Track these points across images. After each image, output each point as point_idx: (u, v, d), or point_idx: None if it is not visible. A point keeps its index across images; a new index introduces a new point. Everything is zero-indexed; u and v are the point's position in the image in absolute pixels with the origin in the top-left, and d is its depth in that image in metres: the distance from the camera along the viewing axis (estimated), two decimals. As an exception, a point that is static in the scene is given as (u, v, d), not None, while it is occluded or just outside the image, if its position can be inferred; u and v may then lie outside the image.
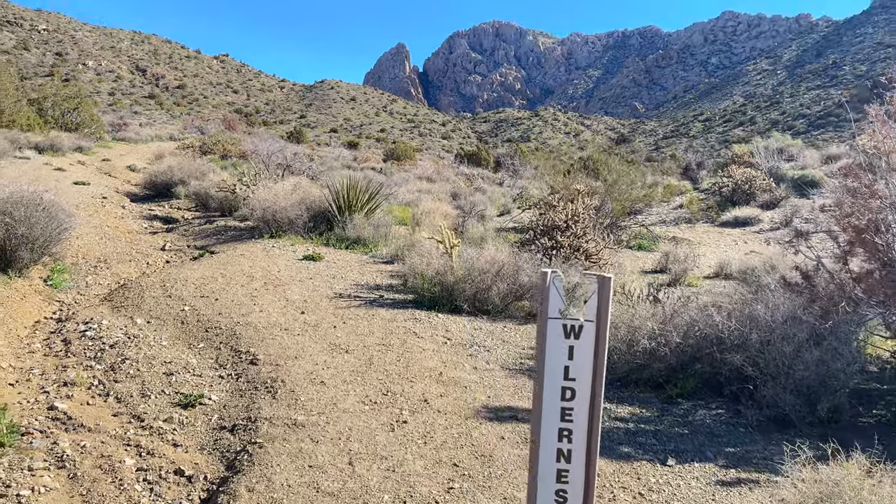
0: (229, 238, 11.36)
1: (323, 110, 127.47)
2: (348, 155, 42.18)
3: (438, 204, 16.46)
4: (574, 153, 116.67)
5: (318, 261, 9.35)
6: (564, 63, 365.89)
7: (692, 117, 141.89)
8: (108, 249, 9.94)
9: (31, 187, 7.65)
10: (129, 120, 56.21)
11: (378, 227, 11.51)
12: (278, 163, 22.83)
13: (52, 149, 24.26)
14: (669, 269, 11.55)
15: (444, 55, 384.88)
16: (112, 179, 20.04)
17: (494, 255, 7.17)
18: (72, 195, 14.49)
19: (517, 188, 25.80)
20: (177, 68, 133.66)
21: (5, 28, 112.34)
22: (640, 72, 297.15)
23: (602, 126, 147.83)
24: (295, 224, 11.38)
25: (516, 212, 19.68)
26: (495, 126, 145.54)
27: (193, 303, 6.75)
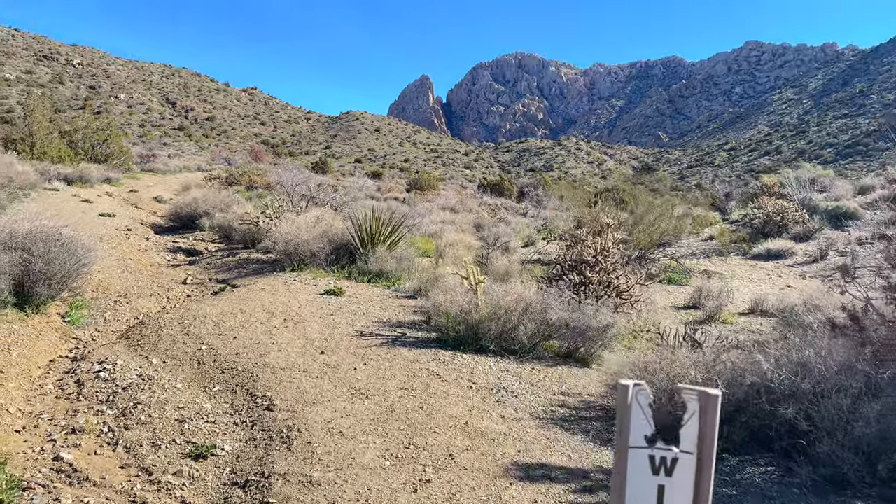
0: (251, 271, 11.24)
1: (348, 141, 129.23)
2: (372, 185, 42.39)
3: (462, 235, 16.25)
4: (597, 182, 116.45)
5: (340, 295, 9.14)
6: (587, 93, 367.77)
7: (717, 146, 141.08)
8: (128, 283, 9.85)
9: (51, 222, 7.58)
10: (158, 151, 57.39)
11: (401, 260, 11.30)
12: (302, 194, 22.90)
13: (81, 180, 24.67)
14: (703, 305, 11.11)
15: (467, 86, 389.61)
16: (138, 211, 20.23)
17: (521, 292, 6.88)
18: (96, 227, 14.58)
19: (541, 219, 25.53)
20: (206, 101, 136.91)
21: (42, 63, 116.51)
22: (664, 101, 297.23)
23: (625, 155, 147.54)
24: (317, 257, 11.23)
25: (541, 243, 19.37)
26: (518, 156, 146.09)
27: (211, 341, 6.55)
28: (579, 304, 7.39)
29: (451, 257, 12.52)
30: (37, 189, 20.51)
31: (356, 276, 10.85)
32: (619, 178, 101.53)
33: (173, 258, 12.89)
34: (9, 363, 5.45)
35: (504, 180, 48.67)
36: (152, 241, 14.39)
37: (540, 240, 19.67)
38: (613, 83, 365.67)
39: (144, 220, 17.71)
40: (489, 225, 20.94)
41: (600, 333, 6.67)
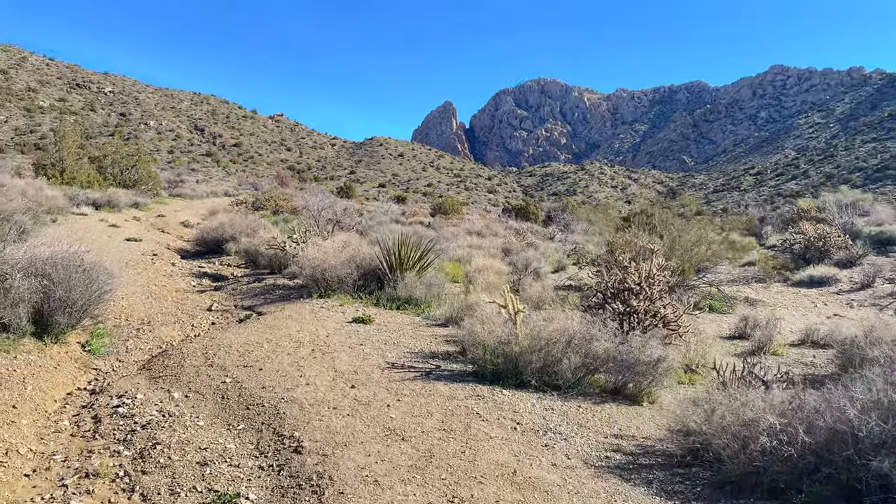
0: (277, 297, 10.92)
1: (372, 166, 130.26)
2: (396, 209, 42.33)
3: (491, 260, 15.83)
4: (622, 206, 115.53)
5: (369, 323, 8.75)
6: (610, 118, 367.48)
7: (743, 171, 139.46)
8: (152, 310, 9.59)
9: (73, 247, 7.34)
10: (186, 177, 58.17)
11: (430, 286, 10.91)
12: (328, 218, 22.77)
13: (109, 205, 24.84)
14: (750, 335, 10.50)
15: (489, 112, 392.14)
16: (165, 236, 20.18)
17: (564, 322, 6.42)
18: (122, 252, 14.46)
19: (570, 243, 25.02)
20: (233, 127, 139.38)
21: (74, 91, 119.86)
22: (688, 126, 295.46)
23: (650, 179, 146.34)
24: (344, 283, 10.89)
25: (571, 268, 18.86)
26: (541, 180, 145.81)
27: (236, 373, 6.18)
28: (626, 335, 6.90)
29: (481, 283, 12.10)
30: (65, 213, 20.62)
31: (385, 303, 10.47)
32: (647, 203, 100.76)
33: (199, 284, 12.66)
34: (23, 398, 5.13)
35: (529, 204, 48.25)
36: (178, 267, 14.20)
37: (570, 265, 19.16)
38: (637, 108, 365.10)
39: (171, 245, 17.61)
40: (517, 249, 20.49)
41: (651, 368, 6.16)
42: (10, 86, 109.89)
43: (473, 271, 13.40)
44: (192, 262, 15.22)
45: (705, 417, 4.52)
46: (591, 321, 6.80)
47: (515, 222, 36.74)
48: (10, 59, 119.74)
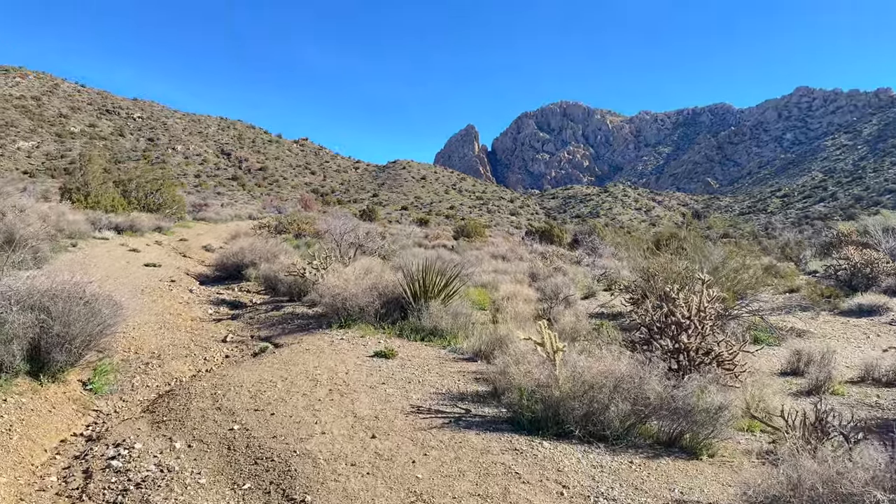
0: (296, 327, 10.36)
1: (395, 189, 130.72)
2: (419, 232, 41.90)
3: (518, 287, 15.16)
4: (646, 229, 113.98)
5: (391, 358, 8.12)
6: (633, 140, 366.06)
7: (769, 193, 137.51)
8: (164, 341, 9.08)
9: (76, 277, 6.86)
10: (211, 200, 58.59)
11: (457, 315, 10.27)
12: (351, 242, 22.32)
13: (132, 229, 24.72)
14: (804, 372, 9.65)
15: (511, 135, 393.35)
16: (185, 260, 19.88)
17: (610, 363, 5.73)
18: (140, 278, 14.09)
19: (598, 267, 24.19)
20: (259, 152, 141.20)
21: (104, 116, 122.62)
22: (712, 148, 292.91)
23: (674, 202, 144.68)
24: (366, 312, 10.30)
25: (603, 295, 18.07)
26: (564, 202, 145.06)
27: (245, 419, 5.59)
28: (679, 376, 6.18)
29: (510, 312, 11.42)
30: (86, 238, 20.45)
31: (408, 334, 9.86)
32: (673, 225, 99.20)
33: (216, 312, 12.18)
34: (6, 450, 4.58)
35: (553, 227, 47.51)
36: (196, 293, 13.77)
37: (601, 291, 18.37)
38: (660, 130, 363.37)
39: (190, 271, 17.25)
40: (544, 274, 19.78)
41: (711, 417, 5.43)
42: (42, 112, 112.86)
43: (501, 298, 12.74)
44: (210, 289, 14.79)
45: (790, 486, 3.79)
46: (639, 361, 6.09)
47: (540, 245, 36.01)
48: (43, 85, 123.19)
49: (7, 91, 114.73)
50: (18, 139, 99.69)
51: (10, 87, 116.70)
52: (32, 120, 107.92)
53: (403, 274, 11.06)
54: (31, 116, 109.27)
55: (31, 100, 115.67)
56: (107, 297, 7.11)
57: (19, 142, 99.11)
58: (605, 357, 6.27)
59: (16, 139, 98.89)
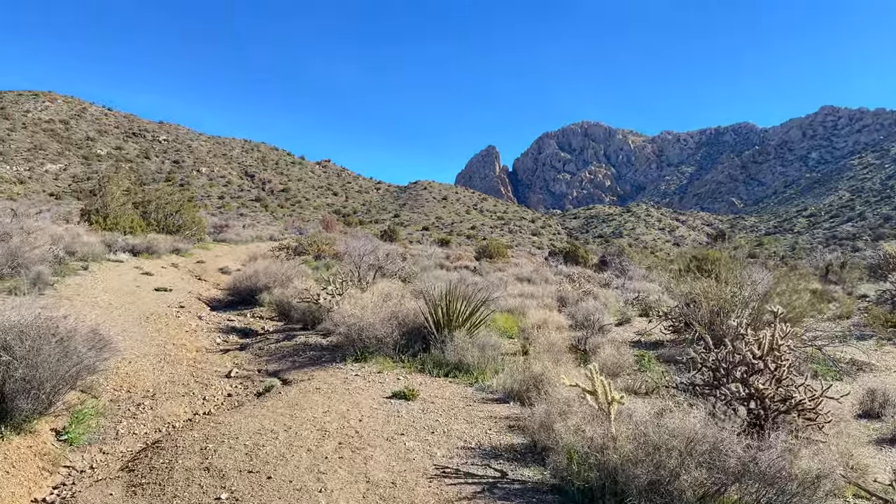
0: (307, 360, 9.43)
1: (416, 209, 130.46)
2: (440, 253, 41.02)
3: (548, 313, 14.11)
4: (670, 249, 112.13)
5: (412, 400, 7.15)
6: (655, 160, 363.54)
7: (795, 213, 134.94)
8: (162, 377, 8.21)
9: (50, 312, 6.03)
10: (233, 221, 58.49)
11: (484, 347, 9.26)
12: (370, 263, 21.50)
13: (148, 251, 24.15)
14: (881, 414, 8.46)
15: (532, 155, 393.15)
16: (200, 283, 19.17)
17: (680, 419, 4.68)
18: (147, 304, 13.33)
19: (629, 290, 22.99)
20: (282, 173, 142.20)
21: (131, 139, 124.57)
22: (736, 167, 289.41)
23: (698, 221, 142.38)
24: (384, 343, 9.35)
25: (638, 321, 16.92)
26: (586, 222, 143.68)
27: (236, 484, 4.64)
28: (756, 431, 5.11)
29: (542, 344, 10.37)
30: (99, 261, 19.86)
31: (431, 369, 8.87)
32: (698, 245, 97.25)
33: (224, 341, 11.33)
34: (-68, 532, 3.70)
35: (578, 248, 46.32)
36: (205, 320, 12.95)
37: (636, 316, 17.20)
38: (683, 150, 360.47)
39: (203, 295, 16.49)
40: (574, 299, 18.69)
41: (808, 488, 4.36)
42: (70, 135, 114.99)
43: (531, 327, 11.71)
44: (221, 315, 13.98)
45: None
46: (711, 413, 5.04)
47: (566, 267, 34.86)
48: (72, 109, 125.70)
49: (37, 115, 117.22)
50: (47, 162, 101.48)
51: (40, 112, 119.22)
52: (60, 143, 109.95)
53: (425, 300, 10.11)
54: (60, 140, 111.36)
55: (59, 123, 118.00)
56: (90, 332, 6.27)
57: (47, 164, 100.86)
58: (671, 409, 5.24)
59: (44, 162, 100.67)
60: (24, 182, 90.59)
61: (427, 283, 17.27)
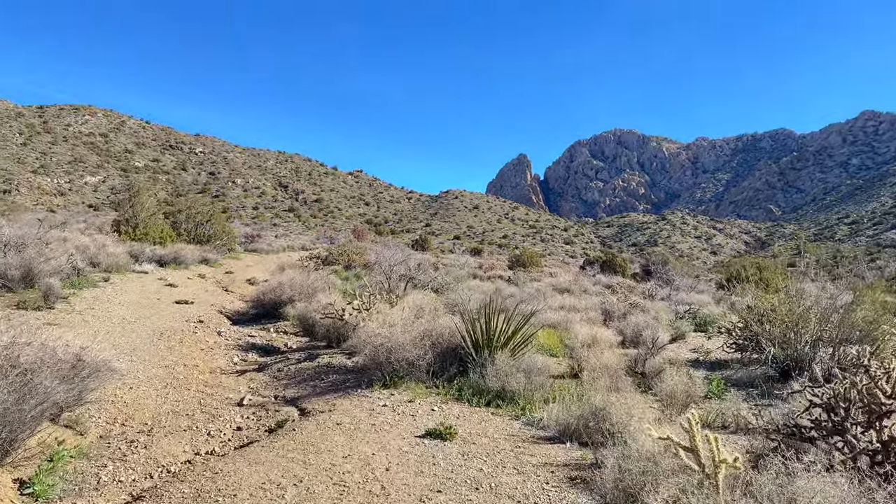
0: (329, 386, 8.36)
1: (447, 218, 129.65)
2: (473, 262, 39.92)
3: (595, 328, 12.81)
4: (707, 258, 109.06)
5: (449, 439, 6.00)
6: (690, 167, 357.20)
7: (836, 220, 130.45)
8: (165, 406, 7.22)
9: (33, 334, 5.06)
10: (266, 231, 58.34)
11: (530, 372, 8.05)
12: (401, 274, 20.50)
13: (176, 261, 23.56)
14: None
15: (564, 163, 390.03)
16: (225, 295, 18.37)
17: (821, 494, 3.44)
18: (164, 318, 12.47)
19: (678, 302, 21.45)
20: (315, 184, 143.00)
21: (168, 152, 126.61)
22: (774, 174, 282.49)
23: (735, 229, 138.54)
24: (416, 367, 8.23)
25: (693, 336, 15.49)
26: (619, 230, 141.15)
27: (225, 566, 3.56)
28: None
29: (596, 365, 9.12)
30: (124, 272, 19.24)
31: (469, 397, 7.71)
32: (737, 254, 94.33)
33: (242, 360, 10.36)
34: None
35: (615, 256, 44.72)
36: (224, 336, 12.02)
37: (690, 332, 15.76)
38: (718, 157, 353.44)
39: (225, 308, 15.63)
40: (619, 311, 17.34)
41: None
42: (109, 148, 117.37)
43: (580, 346, 10.47)
44: (242, 330, 13.04)
45: None
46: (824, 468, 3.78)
47: (604, 276, 33.37)
48: (111, 122, 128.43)
49: (77, 128, 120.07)
50: (86, 174, 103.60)
51: (80, 125, 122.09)
52: (100, 156, 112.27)
53: (462, 317, 8.96)
54: (99, 152, 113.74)
55: (98, 136, 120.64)
56: (74, 358, 5.29)
57: (87, 176, 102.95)
58: (768, 455, 4.00)
59: (83, 174, 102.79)
60: (64, 194, 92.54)
61: (461, 295, 16.13)
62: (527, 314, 9.30)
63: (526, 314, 9.31)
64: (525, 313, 9.37)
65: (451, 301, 15.58)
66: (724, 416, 7.83)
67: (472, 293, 17.21)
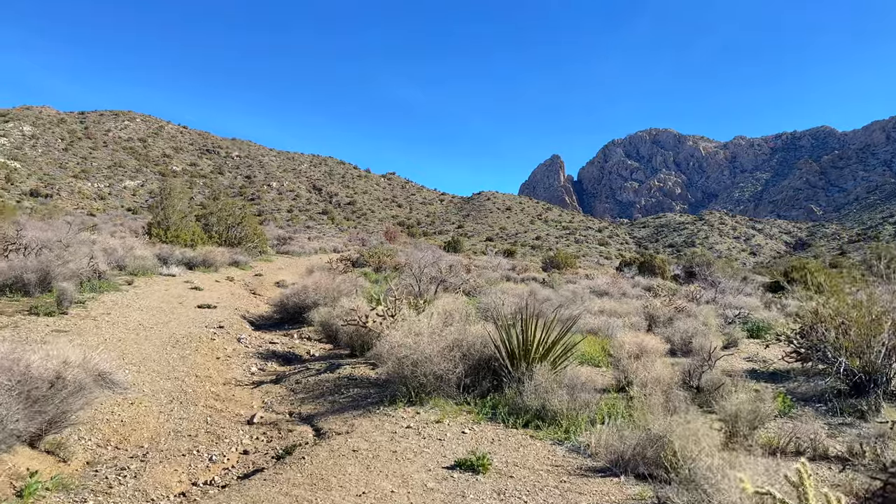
0: (349, 401, 7.56)
1: (479, 220, 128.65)
2: (506, 264, 38.99)
3: (640, 335, 11.76)
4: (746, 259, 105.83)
5: (483, 472, 5.13)
6: (728, 166, 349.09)
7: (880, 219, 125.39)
8: (167, 425, 6.52)
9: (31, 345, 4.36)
10: (299, 234, 58.24)
11: (574, 388, 7.12)
12: (432, 276, 19.72)
13: (205, 264, 23.16)
14: None
15: (599, 164, 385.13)
16: (251, 299, 17.83)
17: None
18: (182, 324, 11.87)
19: (725, 306, 20.15)
20: (348, 186, 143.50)
21: (205, 156, 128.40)
22: (814, 173, 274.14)
23: (775, 230, 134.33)
24: (445, 381, 7.38)
25: (746, 343, 14.32)
26: (655, 231, 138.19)
27: None
28: None
29: (648, 381, 8.13)
30: (150, 274, 18.85)
31: (504, 416, 6.83)
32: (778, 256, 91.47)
33: (260, 369, 9.66)
34: None
35: (655, 257, 43.31)
36: (244, 343, 11.37)
37: (743, 338, 14.57)
38: (757, 155, 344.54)
39: (249, 312, 15.03)
40: (664, 316, 16.24)
41: None
42: (148, 152, 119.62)
43: (627, 357, 9.47)
44: (264, 336, 12.39)
45: None
46: None
47: (643, 278, 32.06)
48: (150, 128, 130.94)
49: (117, 134, 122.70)
50: (125, 178, 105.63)
51: (120, 130, 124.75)
52: (138, 160, 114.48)
53: (496, 325, 8.07)
54: (138, 157, 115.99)
55: (138, 141, 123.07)
56: (50, 377, 4.59)
57: (126, 181, 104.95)
58: None
59: (123, 178, 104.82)
60: (104, 198, 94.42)
61: (494, 299, 15.23)
62: (567, 321, 8.36)
63: (566, 321, 8.38)
64: (566, 321, 8.43)
65: (483, 305, 14.71)
66: (797, 440, 6.81)
67: (506, 296, 16.29)
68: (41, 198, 78.81)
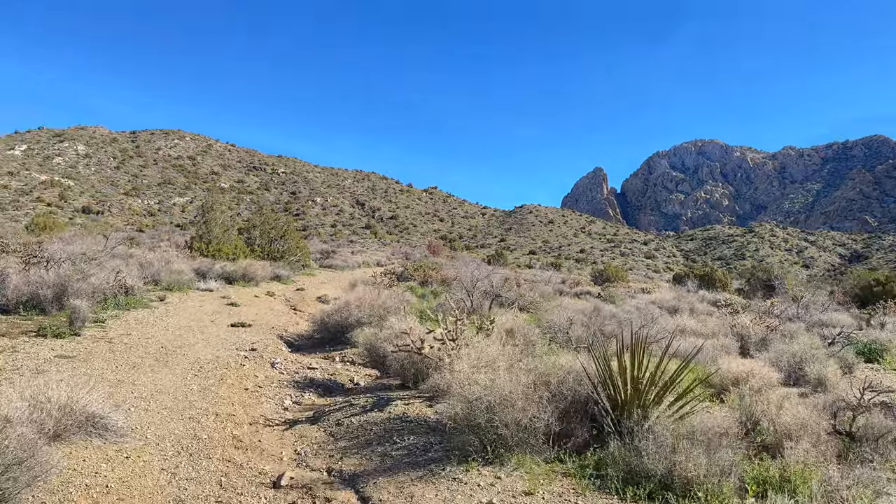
0: (404, 455, 5.84)
1: (521, 233, 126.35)
2: (556, 277, 36.98)
3: (750, 364, 9.76)
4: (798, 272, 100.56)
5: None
6: (777, 177, 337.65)
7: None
8: (167, 489, 4.90)
9: None
10: (342, 248, 57.30)
11: (710, 445, 5.23)
12: (484, 290, 17.98)
13: (245, 278, 21.94)
14: None
15: (643, 176, 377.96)
16: (290, 316, 16.39)
17: None
18: (210, 346, 10.38)
19: (813, 324, 17.76)
20: (391, 201, 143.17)
21: (252, 173, 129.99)
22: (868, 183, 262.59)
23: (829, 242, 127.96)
24: (530, 431, 5.60)
25: (862, 368, 12.10)
26: (703, 244, 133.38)
27: None
28: None
29: (790, 427, 6.19)
30: (185, 289, 17.64)
31: (616, 484, 5.00)
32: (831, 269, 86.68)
33: (295, 402, 8.05)
34: None
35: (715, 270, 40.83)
36: (279, 368, 9.80)
37: (860, 363, 12.32)
38: (807, 166, 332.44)
39: (287, 332, 13.53)
40: (755, 336, 14.12)
41: None
42: (196, 170, 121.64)
43: (750, 391, 7.50)
44: (302, 359, 10.81)
45: None
46: None
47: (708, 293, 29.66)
48: (198, 146, 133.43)
49: (167, 152, 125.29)
50: (175, 195, 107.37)
51: (170, 149, 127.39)
52: (187, 178, 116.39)
53: (593, 358, 6.24)
54: (187, 174, 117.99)
55: (187, 159, 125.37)
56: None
57: (175, 198, 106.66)
58: None
59: (172, 195, 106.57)
60: (153, 214, 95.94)
61: (558, 316, 13.38)
62: (686, 353, 6.47)
63: (682, 352, 6.51)
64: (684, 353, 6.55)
65: (546, 323, 12.88)
66: None
67: (567, 312, 14.40)
68: (93, 214, 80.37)
